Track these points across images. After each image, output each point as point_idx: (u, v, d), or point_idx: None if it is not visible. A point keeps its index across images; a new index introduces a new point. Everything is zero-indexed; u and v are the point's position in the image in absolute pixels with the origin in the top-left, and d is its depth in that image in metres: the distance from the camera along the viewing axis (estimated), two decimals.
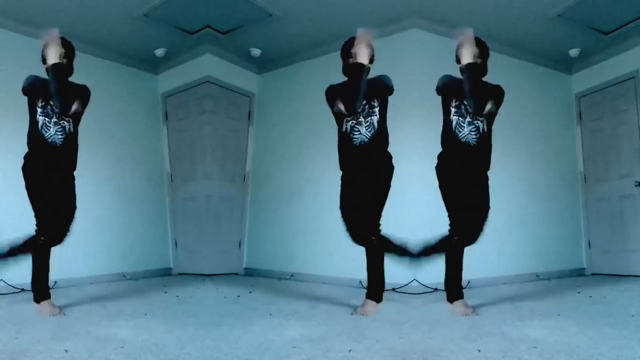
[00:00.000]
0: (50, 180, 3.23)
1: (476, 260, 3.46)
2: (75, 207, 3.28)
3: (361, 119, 3.24)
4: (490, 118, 3.26)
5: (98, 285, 3.29)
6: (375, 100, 3.27)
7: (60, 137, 3.19)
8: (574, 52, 5.32)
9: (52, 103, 3.18)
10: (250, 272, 5.64)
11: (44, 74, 4.56)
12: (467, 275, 3.50)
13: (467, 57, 3.17)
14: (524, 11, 4.46)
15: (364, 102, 3.24)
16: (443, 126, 3.34)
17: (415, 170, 4.51)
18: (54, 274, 4.15)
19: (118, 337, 2.40)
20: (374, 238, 3.22)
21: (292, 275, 4.81)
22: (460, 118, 3.23)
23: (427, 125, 4.57)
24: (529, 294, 3.88)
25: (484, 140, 3.24)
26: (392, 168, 3.35)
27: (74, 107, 3.23)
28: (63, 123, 3.20)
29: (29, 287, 3.96)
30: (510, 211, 4.45)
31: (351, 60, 3.26)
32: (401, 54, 4.75)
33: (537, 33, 4.76)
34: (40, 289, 3.15)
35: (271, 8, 4.46)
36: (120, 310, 3.20)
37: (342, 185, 3.31)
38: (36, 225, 3.20)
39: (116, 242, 3.41)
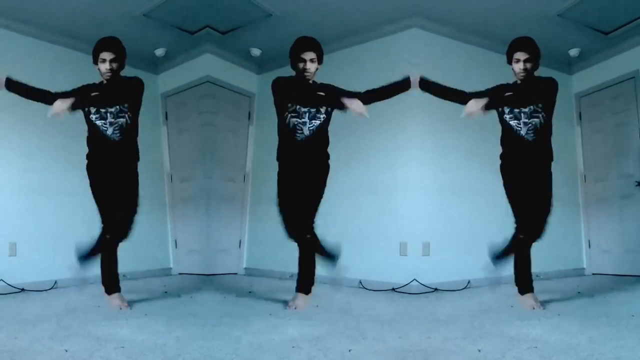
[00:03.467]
0: (110, 178, 3.29)
1: (476, 260, 3.46)
2: (137, 202, 3.39)
3: (305, 119, 3.26)
4: (546, 109, 3.29)
5: (98, 285, 3.29)
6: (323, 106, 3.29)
7: (118, 134, 3.24)
8: (574, 52, 5.31)
9: (105, 106, 3.23)
10: (250, 272, 5.62)
11: (43, 75, 4.62)
12: (467, 275, 3.50)
13: (520, 62, 3.24)
14: (524, 11, 4.45)
15: (311, 105, 3.27)
16: (502, 128, 3.35)
17: (414, 168, 4.51)
18: (54, 274, 4.19)
19: (118, 337, 2.40)
20: (308, 235, 3.28)
21: (292, 275, 4.76)
22: (516, 121, 3.26)
23: (427, 125, 4.59)
24: None
25: (542, 135, 3.27)
26: (328, 167, 3.38)
27: (124, 100, 3.28)
28: (119, 120, 3.24)
29: (29, 287, 3.98)
30: (509, 211, 4.44)
31: (301, 66, 3.30)
32: (401, 54, 4.74)
33: (537, 33, 4.69)
34: (110, 282, 3.29)
35: (271, 8, 4.46)
36: (121, 310, 3.19)
37: (279, 180, 3.38)
38: (102, 223, 3.28)
39: None
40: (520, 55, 3.24)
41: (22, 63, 4.52)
